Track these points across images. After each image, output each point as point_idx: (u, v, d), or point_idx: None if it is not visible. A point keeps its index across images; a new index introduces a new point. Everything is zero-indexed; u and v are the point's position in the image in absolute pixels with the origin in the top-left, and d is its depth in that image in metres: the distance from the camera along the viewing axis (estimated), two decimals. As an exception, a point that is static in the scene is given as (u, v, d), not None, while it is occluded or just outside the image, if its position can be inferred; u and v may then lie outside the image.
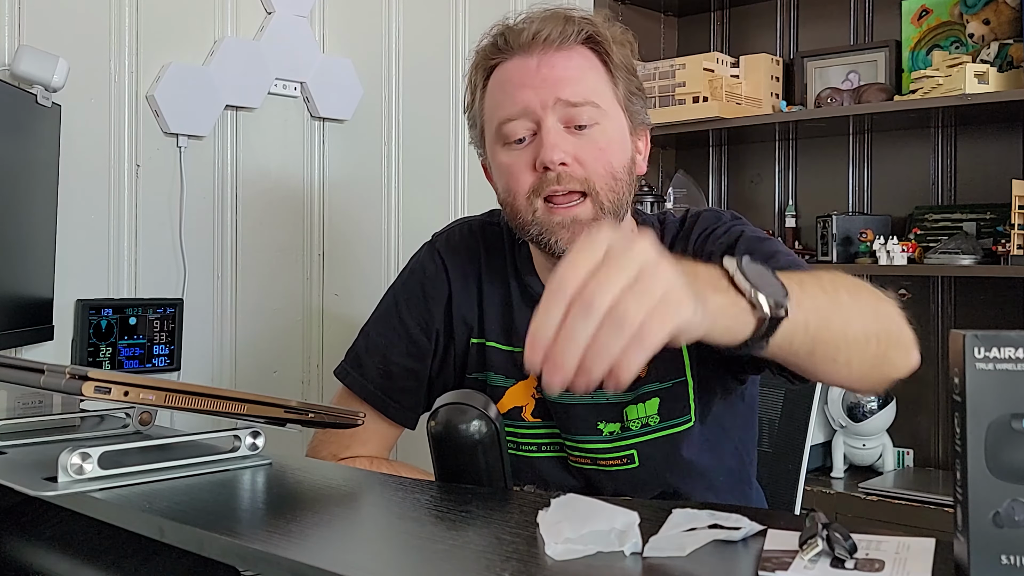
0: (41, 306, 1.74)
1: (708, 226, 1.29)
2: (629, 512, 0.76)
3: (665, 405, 1.28)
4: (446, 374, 1.38)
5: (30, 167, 1.68)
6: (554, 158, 1.19)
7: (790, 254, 1.23)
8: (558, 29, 1.21)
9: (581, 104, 1.20)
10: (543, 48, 1.21)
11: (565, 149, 1.20)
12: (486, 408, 1.05)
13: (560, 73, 1.21)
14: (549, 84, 1.20)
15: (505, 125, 1.23)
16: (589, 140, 1.21)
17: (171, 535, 0.84)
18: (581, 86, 1.21)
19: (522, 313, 1.32)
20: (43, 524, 1.14)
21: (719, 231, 1.27)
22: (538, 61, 1.21)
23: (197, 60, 2.00)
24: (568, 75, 1.21)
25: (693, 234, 1.29)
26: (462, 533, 0.85)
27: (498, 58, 1.25)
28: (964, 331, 0.68)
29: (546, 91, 1.20)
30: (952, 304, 2.66)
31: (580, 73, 1.22)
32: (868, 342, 0.95)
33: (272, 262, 2.13)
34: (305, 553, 0.75)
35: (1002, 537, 0.66)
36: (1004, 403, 0.67)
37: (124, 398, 0.90)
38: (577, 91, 1.20)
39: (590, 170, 1.20)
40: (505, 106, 1.23)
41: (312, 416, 1.09)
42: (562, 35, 1.21)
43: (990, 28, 2.52)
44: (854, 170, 2.85)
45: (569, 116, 1.20)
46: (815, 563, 0.72)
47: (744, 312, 0.82)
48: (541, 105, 1.20)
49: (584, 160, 1.20)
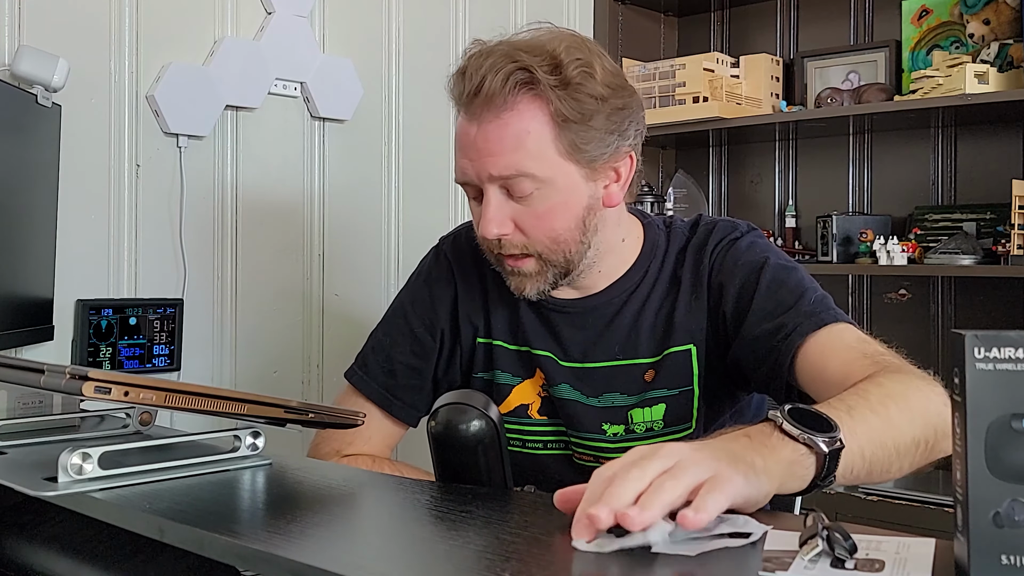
0: (41, 306, 1.74)
1: (726, 235, 1.29)
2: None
3: (671, 412, 1.29)
4: (452, 373, 1.40)
5: (30, 167, 1.68)
6: (489, 234, 1.22)
7: (816, 288, 1.23)
8: (498, 84, 1.17)
9: (513, 176, 1.19)
10: (482, 111, 1.19)
11: (502, 221, 1.21)
12: (486, 408, 1.05)
13: (493, 146, 1.19)
14: (482, 158, 1.20)
15: (462, 186, 1.26)
16: (528, 207, 1.21)
17: (171, 535, 0.84)
18: (513, 158, 1.18)
19: (528, 313, 1.34)
20: (43, 524, 1.14)
21: (741, 246, 1.27)
22: (476, 130, 1.20)
23: (197, 60, 2.00)
24: (501, 147, 1.19)
25: (709, 244, 1.29)
26: (462, 533, 0.85)
27: (456, 106, 1.24)
28: (964, 331, 0.68)
29: (480, 165, 1.20)
30: (952, 304, 2.66)
31: (514, 143, 1.18)
32: (918, 447, 0.99)
33: (272, 262, 2.13)
34: (305, 553, 0.75)
35: (1002, 537, 0.66)
36: (1004, 403, 0.67)
37: (124, 398, 0.90)
38: (508, 164, 1.18)
39: (531, 237, 1.23)
40: (456, 169, 1.25)
41: (312, 416, 1.09)
42: (500, 91, 1.17)
43: (990, 28, 2.52)
44: (854, 170, 2.85)
45: (507, 187, 1.21)
46: (815, 563, 0.72)
47: (804, 457, 0.87)
48: (478, 178, 1.21)
49: (524, 227, 1.22)
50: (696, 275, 1.29)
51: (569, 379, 1.32)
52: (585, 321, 1.32)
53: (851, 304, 2.81)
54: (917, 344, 2.70)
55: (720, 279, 1.27)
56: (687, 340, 1.28)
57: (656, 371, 1.29)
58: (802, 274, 1.25)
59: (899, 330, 2.73)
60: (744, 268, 1.24)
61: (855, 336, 1.15)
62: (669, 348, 1.28)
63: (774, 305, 1.20)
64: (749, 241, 1.28)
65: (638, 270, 1.31)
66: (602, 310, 1.31)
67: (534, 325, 1.34)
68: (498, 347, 1.36)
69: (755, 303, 1.21)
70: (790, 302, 1.19)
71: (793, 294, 1.20)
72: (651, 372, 1.29)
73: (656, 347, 1.29)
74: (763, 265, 1.23)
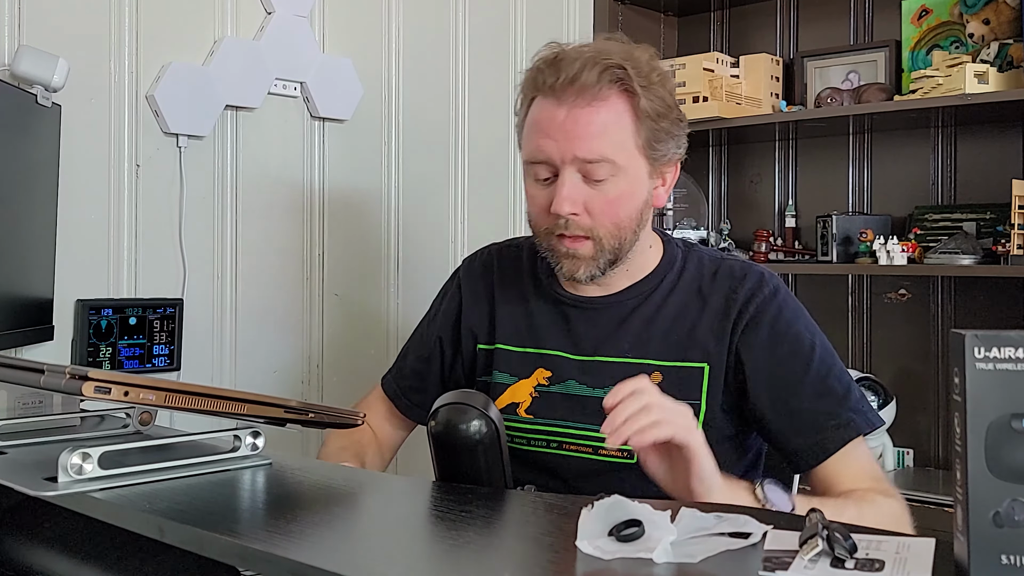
0: (41, 306, 1.74)
1: (760, 285, 1.37)
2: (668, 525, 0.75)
3: None
4: (456, 377, 1.54)
5: (30, 167, 1.68)
6: (563, 211, 1.31)
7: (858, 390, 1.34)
8: (593, 76, 1.29)
9: (597, 161, 1.30)
10: (574, 99, 1.29)
11: (576, 200, 1.31)
12: (486, 408, 1.05)
13: (582, 130, 1.29)
14: (570, 140, 1.29)
15: (533, 166, 1.34)
16: (601, 192, 1.31)
17: (171, 535, 0.84)
18: (600, 143, 1.29)
19: (541, 310, 1.45)
20: (43, 524, 1.14)
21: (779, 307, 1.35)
22: (566, 113, 1.30)
23: (197, 60, 1.99)
24: (589, 132, 1.29)
25: (744, 287, 1.36)
26: (462, 533, 0.85)
27: (537, 93, 1.34)
28: (964, 331, 0.68)
29: (566, 146, 1.29)
30: (952, 304, 2.66)
31: (602, 130, 1.30)
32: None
33: (272, 262, 2.13)
34: (305, 553, 0.76)
35: (1002, 537, 0.66)
36: (1004, 403, 0.67)
37: (124, 398, 0.90)
38: (594, 149, 1.29)
39: (597, 221, 1.32)
40: (531, 150, 1.34)
41: (312, 416, 1.09)
42: (595, 83, 1.29)
43: (990, 28, 2.52)
44: (854, 170, 2.85)
45: (586, 171, 1.30)
46: (815, 563, 0.72)
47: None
48: (560, 158, 1.30)
49: (593, 211, 1.32)
50: (727, 306, 1.36)
51: (576, 374, 1.38)
52: (600, 317, 1.40)
53: (851, 304, 2.81)
54: (917, 344, 2.70)
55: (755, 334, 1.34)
56: (702, 358, 1.35)
57: (663, 375, 1.34)
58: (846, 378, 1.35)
59: (899, 330, 2.73)
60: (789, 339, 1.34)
61: (868, 451, 1.33)
62: (683, 360, 1.35)
63: (825, 389, 1.31)
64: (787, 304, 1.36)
65: (656, 277, 1.41)
66: (617, 308, 1.40)
67: (548, 322, 1.44)
68: (500, 351, 1.46)
69: (807, 381, 1.31)
70: (840, 392, 1.31)
71: (841, 384, 1.32)
72: (658, 374, 1.34)
73: (668, 353, 1.36)
74: (812, 345, 1.34)
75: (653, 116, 1.32)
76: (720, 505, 0.87)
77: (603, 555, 0.74)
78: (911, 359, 2.72)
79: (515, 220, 2.61)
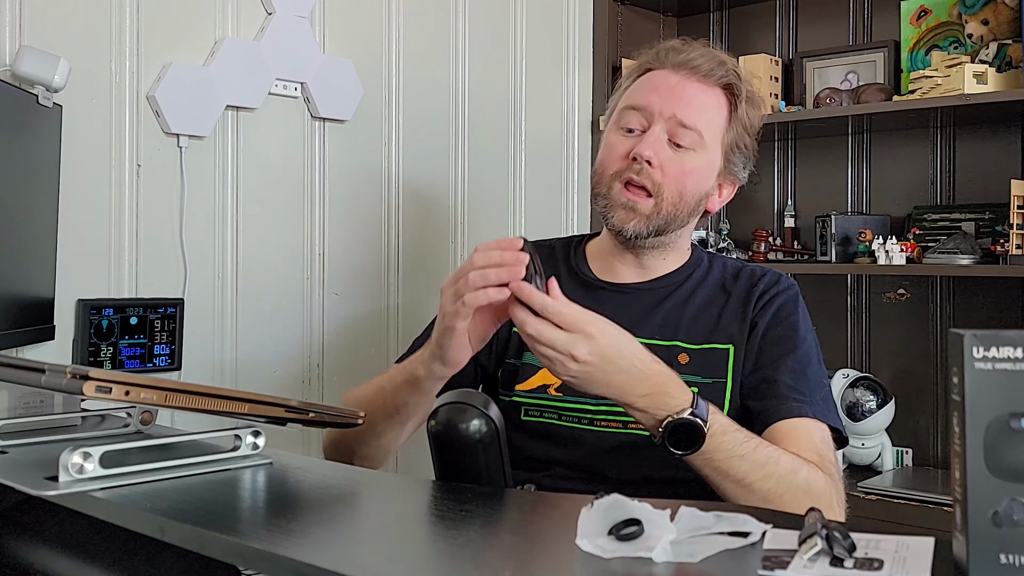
0: (42, 306, 1.74)
1: (775, 282, 1.50)
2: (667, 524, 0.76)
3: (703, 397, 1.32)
4: (482, 358, 1.51)
5: (31, 167, 1.68)
6: (645, 154, 1.41)
7: (831, 396, 1.43)
8: (709, 65, 1.45)
9: (689, 128, 1.43)
10: (689, 73, 1.45)
11: (658, 151, 1.42)
12: (486, 407, 1.05)
13: (688, 98, 1.44)
14: (675, 100, 1.43)
15: (627, 112, 1.46)
16: (678, 159, 1.43)
17: (172, 534, 0.84)
18: (698, 115, 1.43)
19: (574, 294, 1.42)
20: (44, 523, 1.14)
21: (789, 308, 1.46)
22: (678, 80, 1.45)
23: (198, 60, 2.00)
24: (693, 103, 1.44)
25: (762, 284, 1.48)
26: (462, 532, 0.85)
27: (654, 66, 1.49)
28: (963, 331, 0.68)
29: (669, 103, 1.43)
30: (951, 304, 2.67)
31: (704, 107, 1.44)
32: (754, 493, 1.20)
33: (273, 262, 2.13)
34: (306, 552, 0.76)
35: (1001, 536, 0.67)
36: (1003, 402, 0.67)
37: (125, 397, 0.90)
38: (691, 117, 1.43)
39: (666, 180, 1.43)
40: (635, 97, 1.47)
41: (312, 415, 1.09)
42: (709, 72, 1.45)
43: (989, 28, 2.52)
44: (853, 170, 2.85)
45: (675, 133, 1.43)
46: (814, 562, 0.72)
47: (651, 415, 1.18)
48: (659, 111, 1.43)
49: (666, 171, 1.43)
50: (748, 295, 1.48)
51: None
52: (632, 302, 1.49)
53: (850, 304, 2.81)
54: (916, 344, 2.71)
55: (763, 314, 1.45)
56: (728, 340, 1.44)
57: (691, 357, 1.43)
58: (820, 362, 1.46)
59: (898, 330, 2.73)
60: (787, 326, 1.45)
61: (824, 436, 1.35)
62: (710, 343, 1.44)
63: (800, 374, 1.39)
64: (797, 302, 1.48)
65: (686, 271, 1.53)
66: (649, 295, 1.50)
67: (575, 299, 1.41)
68: None
69: (787, 362, 1.40)
70: (812, 383, 1.40)
71: (816, 379, 1.41)
72: (685, 356, 1.43)
73: (695, 336, 1.45)
74: (804, 338, 1.44)
75: (742, 127, 1.47)
76: (719, 505, 0.87)
77: (603, 554, 0.74)
78: (910, 359, 2.72)
79: (515, 220, 2.61)
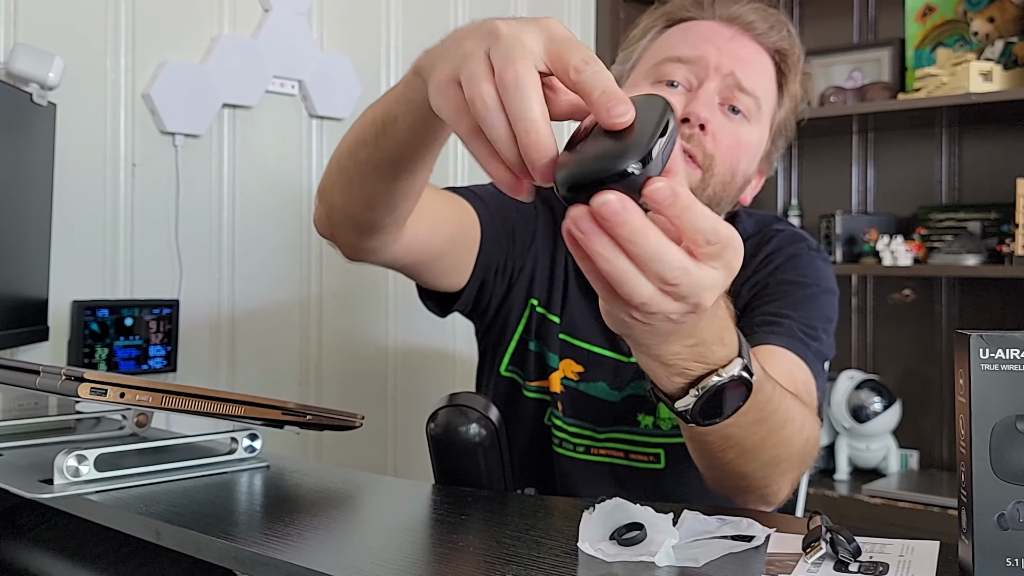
0: (36, 307, 1.73)
1: (790, 243, 1.28)
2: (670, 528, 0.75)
3: None
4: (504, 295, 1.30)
5: (25, 166, 1.67)
6: (703, 114, 1.16)
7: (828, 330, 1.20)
8: (767, 23, 1.21)
9: (749, 93, 1.19)
10: (742, 29, 1.20)
11: (713, 111, 1.17)
12: (486, 411, 1.04)
13: (748, 58, 1.20)
14: (733, 58, 1.19)
15: (669, 63, 1.21)
16: (733, 128, 1.19)
17: (168, 538, 0.84)
18: (758, 80, 1.20)
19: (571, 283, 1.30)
20: (39, 527, 1.14)
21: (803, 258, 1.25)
22: (732, 35, 1.20)
23: (194, 58, 1.99)
24: (753, 64, 1.20)
25: (774, 241, 1.28)
26: (462, 536, 0.84)
27: (693, 14, 1.23)
28: (969, 332, 0.67)
29: (727, 60, 1.18)
30: (957, 304, 2.65)
31: (762, 70, 1.21)
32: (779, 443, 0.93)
33: (270, 262, 2.12)
34: (302, 556, 0.75)
35: (1007, 539, 0.66)
36: (1009, 404, 0.66)
37: (120, 400, 0.89)
38: (752, 80, 1.19)
39: (719, 152, 1.17)
40: (681, 48, 1.21)
41: (310, 418, 1.08)
42: (766, 32, 1.21)
43: (995, 26, 2.51)
44: (858, 169, 2.84)
45: (730, 96, 1.19)
46: (819, 566, 0.71)
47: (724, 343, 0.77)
48: (716, 67, 1.18)
49: (718, 140, 1.17)
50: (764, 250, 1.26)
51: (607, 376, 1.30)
52: None
53: (855, 305, 2.80)
54: (922, 345, 2.69)
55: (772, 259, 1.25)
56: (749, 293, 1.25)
57: None
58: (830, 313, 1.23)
59: (904, 331, 2.72)
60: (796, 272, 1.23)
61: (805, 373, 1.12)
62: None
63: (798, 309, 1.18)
64: (813, 253, 1.27)
65: None
66: None
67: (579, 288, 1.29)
68: (551, 323, 1.31)
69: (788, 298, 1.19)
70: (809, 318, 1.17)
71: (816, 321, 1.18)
72: None
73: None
74: (815, 285, 1.22)
75: (794, 104, 1.26)
76: (722, 508, 0.86)
77: (605, 558, 0.73)
78: (916, 360, 2.71)
79: (516, 220, 2.60)
